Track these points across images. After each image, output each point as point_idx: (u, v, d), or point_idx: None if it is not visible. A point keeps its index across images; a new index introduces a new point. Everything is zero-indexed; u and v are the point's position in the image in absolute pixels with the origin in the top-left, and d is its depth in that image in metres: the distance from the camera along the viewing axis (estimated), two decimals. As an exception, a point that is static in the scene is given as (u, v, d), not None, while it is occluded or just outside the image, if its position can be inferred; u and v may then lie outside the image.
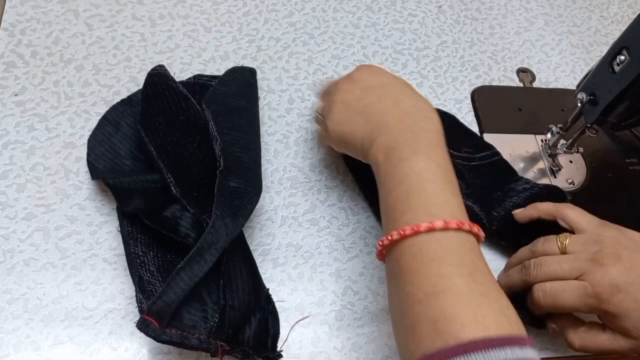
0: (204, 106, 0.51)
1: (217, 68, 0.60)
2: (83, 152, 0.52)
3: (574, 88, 0.56)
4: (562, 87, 0.67)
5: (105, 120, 0.53)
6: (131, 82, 0.58)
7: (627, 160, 0.61)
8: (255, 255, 0.50)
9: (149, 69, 0.53)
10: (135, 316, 0.46)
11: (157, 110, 0.51)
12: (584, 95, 0.53)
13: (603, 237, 0.44)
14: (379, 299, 0.50)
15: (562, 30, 0.72)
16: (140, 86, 0.56)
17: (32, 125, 0.54)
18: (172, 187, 0.47)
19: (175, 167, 0.48)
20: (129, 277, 0.47)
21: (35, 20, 0.60)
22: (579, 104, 0.53)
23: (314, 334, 0.47)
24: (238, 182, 0.48)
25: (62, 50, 0.59)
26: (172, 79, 0.53)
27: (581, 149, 0.59)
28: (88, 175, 0.52)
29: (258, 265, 0.49)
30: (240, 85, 0.57)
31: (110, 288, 0.47)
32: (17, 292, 0.46)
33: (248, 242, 0.50)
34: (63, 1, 0.62)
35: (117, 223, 0.49)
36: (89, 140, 0.52)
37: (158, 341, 0.41)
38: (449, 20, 0.70)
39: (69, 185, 0.51)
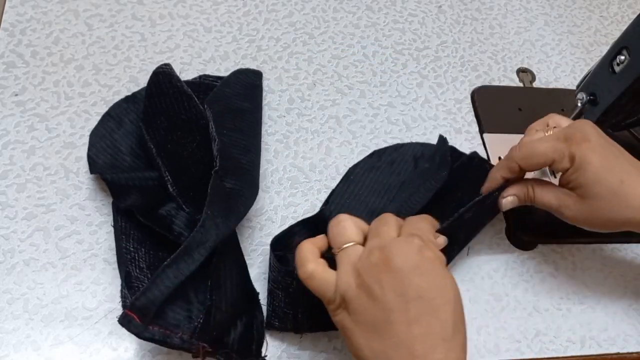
0: (205, 106, 0.51)
1: (217, 68, 0.60)
2: (83, 152, 0.52)
3: (574, 88, 0.56)
4: (562, 87, 0.67)
5: (108, 116, 0.53)
6: (131, 82, 0.58)
7: (627, 160, 0.61)
8: (255, 255, 0.50)
9: (149, 69, 0.53)
10: (135, 316, 0.46)
11: (159, 108, 0.51)
12: (584, 95, 0.53)
13: None
14: (379, 299, 0.50)
15: (562, 30, 0.72)
16: (141, 86, 0.57)
17: (32, 125, 0.54)
18: (169, 186, 0.47)
19: (174, 165, 0.48)
20: (129, 277, 0.47)
21: (35, 20, 0.60)
22: (579, 104, 0.53)
23: (314, 334, 0.47)
24: (234, 183, 0.48)
25: (62, 50, 0.59)
26: (177, 78, 0.52)
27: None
28: (88, 175, 0.52)
29: (258, 265, 0.49)
30: (244, 87, 0.57)
31: (110, 288, 0.47)
32: (17, 292, 0.46)
33: (248, 242, 0.50)
34: (63, 1, 0.62)
35: (117, 223, 0.49)
36: (91, 135, 0.52)
37: (140, 338, 0.40)
38: (449, 20, 0.70)
39: (69, 185, 0.51)
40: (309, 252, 0.40)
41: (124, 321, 0.40)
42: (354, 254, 0.39)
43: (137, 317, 0.40)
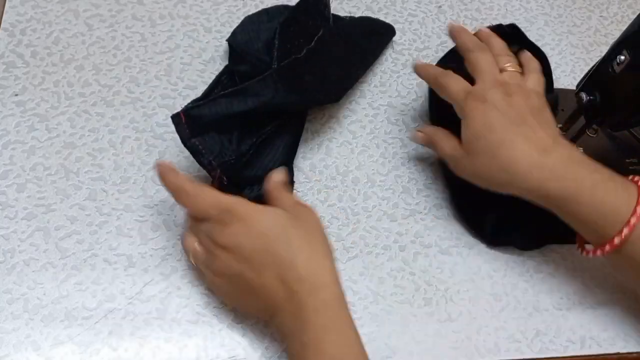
0: (331, 23, 0.58)
1: (217, 68, 0.60)
2: (83, 152, 0.52)
3: (574, 88, 0.56)
4: (562, 87, 0.67)
5: (265, 11, 0.61)
6: (131, 82, 0.58)
7: (627, 160, 0.61)
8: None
9: (149, 69, 0.53)
10: (135, 316, 0.46)
11: (298, 19, 0.56)
12: (584, 95, 0.53)
13: None
14: (379, 299, 0.50)
15: (562, 30, 0.72)
16: (141, 86, 0.57)
17: (32, 125, 0.54)
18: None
19: (283, 59, 0.51)
20: (129, 276, 0.47)
21: (35, 20, 0.60)
22: (579, 104, 0.53)
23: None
24: (313, 78, 0.52)
25: (62, 50, 0.59)
26: (325, 3, 0.59)
27: (581, 149, 0.59)
28: (88, 175, 0.52)
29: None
30: (369, 32, 0.63)
31: (110, 288, 0.47)
32: (17, 292, 0.46)
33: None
34: (63, 1, 0.62)
35: (117, 223, 0.50)
36: (245, 18, 0.60)
37: (183, 142, 0.46)
38: (449, 20, 0.70)
39: (69, 185, 0.51)
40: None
41: (176, 120, 0.46)
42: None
43: (185, 121, 0.46)
